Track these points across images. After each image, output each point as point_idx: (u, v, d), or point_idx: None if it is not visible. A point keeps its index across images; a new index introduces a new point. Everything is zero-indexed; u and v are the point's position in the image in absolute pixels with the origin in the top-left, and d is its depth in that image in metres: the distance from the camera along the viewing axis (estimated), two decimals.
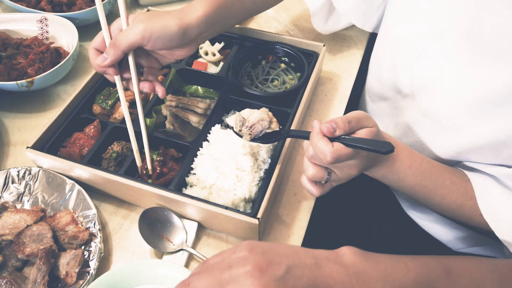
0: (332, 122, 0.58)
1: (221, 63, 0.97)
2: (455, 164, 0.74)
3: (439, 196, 0.68)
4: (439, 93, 0.70)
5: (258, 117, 0.69)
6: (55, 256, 0.68)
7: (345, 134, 0.59)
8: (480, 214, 0.65)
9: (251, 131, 0.68)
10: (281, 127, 0.75)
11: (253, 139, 0.70)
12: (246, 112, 0.71)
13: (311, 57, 0.94)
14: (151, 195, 0.72)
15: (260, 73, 0.95)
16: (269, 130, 0.70)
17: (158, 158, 0.78)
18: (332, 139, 0.58)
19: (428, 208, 0.74)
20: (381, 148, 0.57)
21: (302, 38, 0.97)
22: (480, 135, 0.65)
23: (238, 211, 0.69)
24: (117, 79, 0.73)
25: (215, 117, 0.86)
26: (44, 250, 0.66)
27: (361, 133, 0.59)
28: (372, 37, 1.14)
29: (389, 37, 0.81)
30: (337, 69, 1.04)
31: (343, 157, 0.57)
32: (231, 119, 0.72)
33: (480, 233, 0.72)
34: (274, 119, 0.71)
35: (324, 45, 0.94)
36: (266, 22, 1.17)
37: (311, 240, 0.76)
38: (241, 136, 0.70)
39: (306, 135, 0.63)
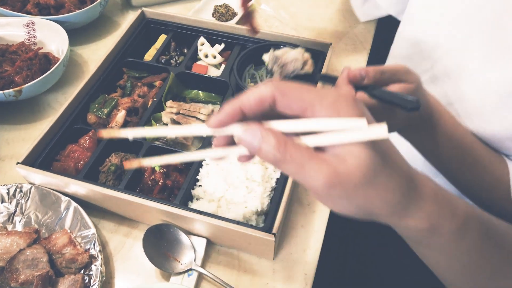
0: (362, 69, 0.53)
1: (223, 66, 0.91)
2: None
3: (474, 174, 0.64)
4: (466, 80, 0.66)
5: (291, 57, 0.66)
6: (52, 282, 0.62)
7: (375, 85, 0.53)
8: (509, 200, 0.61)
9: (281, 70, 0.65)
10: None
11: (282, 78, 0.66)
12: (281, 51, 0.68)
13: (318, 56, 0.89)
14: (155, 211, 0.66)
15: (264, 74, 0.90)
16: (302, 72, 0.66)
17: (161, 170, 0.72)
18: (361, 88, 0.53)
19: (452, 183, 0.69)
20: (405, 103, 0.49)
21: (307, 37, 0.92)
22: (509, 124, 0.62)
23: (251, 226, 0.63)
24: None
25: None
26: (40, 276, 0.60)
27: (394, 88, 0.54)
28: (376, 35, 1.09)
29: (413, 23, 0.77)
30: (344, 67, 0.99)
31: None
32: (266, 56, 0.69)
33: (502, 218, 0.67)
34: (310, 61, 0.67)
35: (331, 44, 0.89)
36: (266, 21, 1.12)
37: (328, 253, 0.71)
38: (272, 75, 0.65)
39: (334, 80, 0.58)
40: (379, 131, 0.34)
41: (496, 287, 0.47)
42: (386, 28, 1.06)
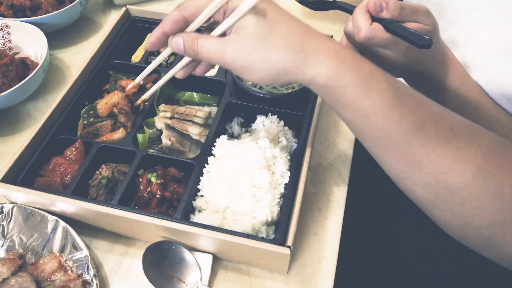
0: (383, 1, 0.54)
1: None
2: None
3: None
4: (478, 38, 0.63)
5: None
6: None
7: (392, 20, 0.55)
8: None
9: None
10: None
11: (302, 1, 0.67)
12: None
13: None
14: (154, 227, 0.60)
15: None
16: None
17: (158, 181, 0.66)
18: (377, 20, 0.54)
19: None
20: (418, 39, 0.52)
21: None
22: None
23: (262, 239, 0.58)
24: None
25: (218, 126, 0.74)
26: None
27: (411, 26, 0.55)
28: None
29: None
30: None
31: (378, 39, 0.54)
32: None
33: None
34: None
35: (332, 36, 0.83)
36: None
37: (345, 263, 0.65)
38: None
39: (351, 11, 0.59)
40: (250, 2, 0.46)
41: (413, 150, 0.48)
42: None
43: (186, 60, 0.58)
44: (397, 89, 0.49)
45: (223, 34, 0.52)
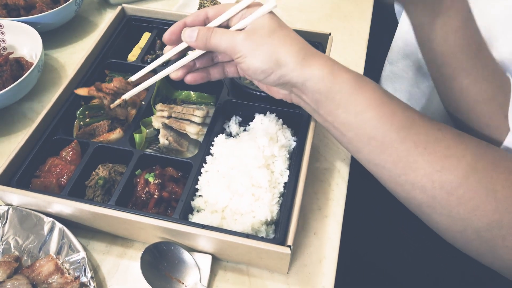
0: None
1: None
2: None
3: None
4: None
5: None
6: None
7: None
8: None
9: None
10: None
11: None
12: None
13: (317, 48, 0.82)
14: (152, 228, 0.59)
15: None
16: None
17: (156, 181, 0.65)
18: None
19: (440, 93, 0.65)
20: None
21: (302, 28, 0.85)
22: None
23: (262, 239, 0.57)
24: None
25: (216, 125, 0.73)
26: None
27: None
28: (372, 27, 1.04)
29: None
30: (344, 60, 0.93)
31: None
32: None
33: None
34: None
35: (330, 34, 0.82)
36: None
37: (346, 260, 0.65)
38: None
39: None
40: (270, 3, 0.55)
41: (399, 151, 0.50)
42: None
43: (182, 61, 0.62)
44: (384, 90, 0.54)
45: None
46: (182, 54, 0.64)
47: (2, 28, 0.88)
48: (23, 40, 0.88)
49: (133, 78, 0.71)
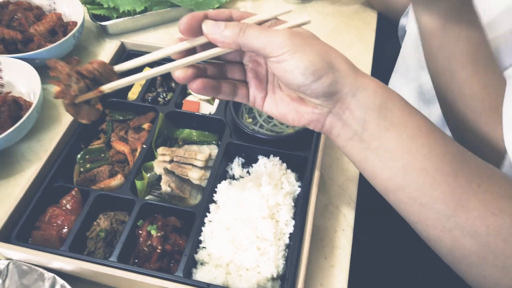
0: None
1: (216, 101, 0.83)
2: None
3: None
4: None
5: None
6: None
7: None
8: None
9: None
10: None
11: None
12: None
13: None
14: (156, 286, 0.58)
15: None
16: None
17: (158, 234, 0.63)
18: None
19: (440, 99, 0.64)
20: None
21: None
22: None
23: None
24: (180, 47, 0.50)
25: (219, 169, 0.72)
26: None
27: None
28: (377, 47, 1.02)
29: None
30: None
31: None
32: None
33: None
34: None
35: None
36: None
37: None
38: None
39: None
40: (304, 17, 0.50)
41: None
42: None
43: (193, 58, 0.49)
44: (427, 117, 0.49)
45: None
46: (186, 55, 0.50)
47: None
48: (21, 77, 0.86)
49: (120, 67, 0.52)
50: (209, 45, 0.50)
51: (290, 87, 0.49)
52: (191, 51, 0.51)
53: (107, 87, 0.50)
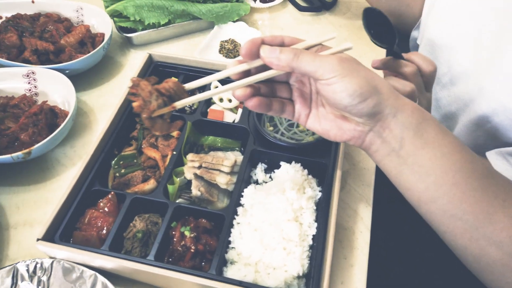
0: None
1: (240, 110, 0.88)
2: None
3: None
4: (484, 75, 0.71)
5: None
6: None
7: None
8: None
9: None
10: None
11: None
12: None
13: None
14: (190, 284, 0.62)
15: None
16: None
17: (191, 235, 0.68)
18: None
19: None
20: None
21: None
22: None
23: None
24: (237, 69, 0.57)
25: (245, 176, 0.77)
26: None
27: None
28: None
29: (427, 31, 0.87)
30: None
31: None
32: None
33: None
34: None
35: None
36: None
37: None
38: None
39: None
40: (347, 44, 0.54)
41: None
42: None
43: (251, 79, 0.55)
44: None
45: None
46: (243, 76, 0.57)
47: (34, 75, 0.92)
48: (54, 86, 0.91)
49: (189, 85, 0.59)
50: (263, 67, 0.55)
51: (336, 107, 0.53)
52: (246, 72, 0.57)
53: (179, 103, 0.58)
